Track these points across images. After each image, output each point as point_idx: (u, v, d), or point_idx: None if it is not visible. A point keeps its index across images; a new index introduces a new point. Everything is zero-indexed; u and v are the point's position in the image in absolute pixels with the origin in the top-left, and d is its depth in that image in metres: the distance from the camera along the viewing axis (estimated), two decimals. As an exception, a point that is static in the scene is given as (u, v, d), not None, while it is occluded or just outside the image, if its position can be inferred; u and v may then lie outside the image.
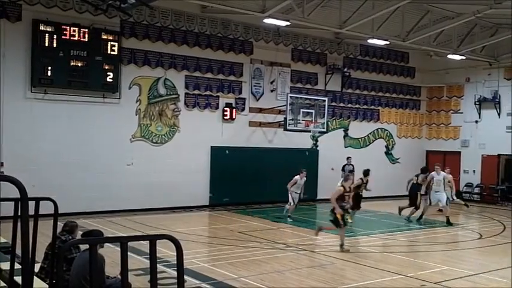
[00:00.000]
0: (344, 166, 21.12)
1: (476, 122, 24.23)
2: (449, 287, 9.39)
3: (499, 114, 23.41)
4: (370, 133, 24.03)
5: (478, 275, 10.25)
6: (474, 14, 18.26)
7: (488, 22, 21.10)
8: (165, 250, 8.90)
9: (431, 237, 14.77)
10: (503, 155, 23.45)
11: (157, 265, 3.55)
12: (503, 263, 11.28)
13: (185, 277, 4.16)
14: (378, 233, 14.83)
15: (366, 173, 16.28)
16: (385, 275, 10.01)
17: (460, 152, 24.80)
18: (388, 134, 24.67)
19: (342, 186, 12.30)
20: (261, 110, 20.27)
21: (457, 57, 22.22)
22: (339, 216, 11.96)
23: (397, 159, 24.67)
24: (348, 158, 21.16)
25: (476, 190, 24.08)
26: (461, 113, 24.90)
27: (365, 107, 23.76)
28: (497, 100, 23.43)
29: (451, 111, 25.38)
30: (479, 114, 24.11)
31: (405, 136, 25.36)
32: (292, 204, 16.61)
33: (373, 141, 24.15)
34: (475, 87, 24.28)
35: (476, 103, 24.12)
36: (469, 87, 24.65)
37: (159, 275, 8.53)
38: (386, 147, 24.64)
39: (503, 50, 22.61)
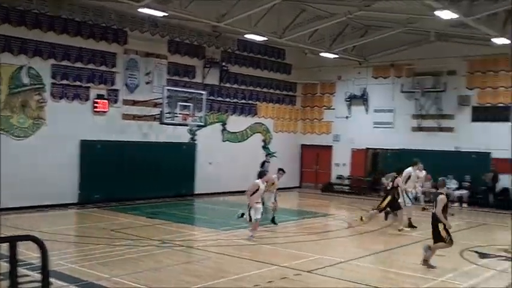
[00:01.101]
0: (263, 163, 21.54)
1: (347, 117, 25.73)
2: (321, 274, 9.84)
3: (366, 111, 25.08)
4: (248, 127, 24.47)
5: (347, 262, 10.85)
6: (346, 15, 19.29)
7: (358, 23, 22.44)
8: (28, 252, 8.24)
9: (305, 228, 15.40)
10: (370, 148, 25.20)
11: (19, 268, 3.24)
12: (370, 250, 12.07)
13: (51, 280, 3.86)
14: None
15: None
16: (262, 266, 10.22)
17: (331, 146, 26.18)
18: (265, 129, 25.30)
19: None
20: (135, 103, 19.71)
21: (330, 56, 23.39)
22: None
23: (274, 153, 25.40)
24: (267, 155, 21.76)
25: (347, 182, 25.58)
26: (334, 109, 26.28)
27: (243, 101, 24.13)
28: (365, 97, 25.06)
29: (324, 107, 26.68)
30: (350, 110, 25.62)
31: (281, 131, 26.18)
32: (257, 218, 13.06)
33: (251, 135, 24.62)
34: (346, 85, 25.77)
35: (347, 100, 25.62)
36: (340, 85, 26.08)
37: (21, 279, 7.92)
38: (264, 141, 25.26)
39: (372, 50, 24.22)
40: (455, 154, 21.97)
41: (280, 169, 15.66)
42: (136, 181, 18.93)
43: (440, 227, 10.41)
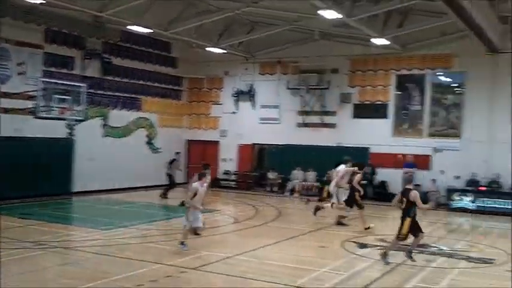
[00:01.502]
0: (172, 161, 20.89)
1: (234, 113, 26.00)
2: (207, 270, 9.84)
3: (253, 106, 25.53)
4: (131, 122, 23.82)
5: (234, 256, 10.95)
6: (233, 10, 19.46)
7: (246, 19, 22.73)
8: None
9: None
10: (257, 144, 25.71)
11: None
12: (256, 244, 12.29)
13: None
14: (138, 224, 14.76)
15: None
16: (145, 265, 9.99)
17: (218, 142, 26.32)
18: (150, 124, 24.80)
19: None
20: (7, 95, 18.37)
21: (217, 51, 23.47)
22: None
23: (159, 148, 24.99)
24: (177, 153, 21.28)
25: (233, 177, 25.87)
26: (221, 104, 26.44)
27: (126, 95, 23.46)
28: (252, 93, 25.49)
29: (211, 102, 26.75)
30: (237, 106, 25.92)
31: (166, 126, 25.80)
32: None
33: (134, 130, 24.00)
34: (234, 81, 26.03)
35: (234, 95, 25.89)
36: (228, 80, 26.29)
37: None
38: (148, 136, 24.75)
39: (259, 47, 24.69)
40: (338, 149, 23.01)
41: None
42: (8, 179, 17.60)
43: (407, 221, 10.61)
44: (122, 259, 10.52)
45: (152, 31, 20.85)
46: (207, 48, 23.35)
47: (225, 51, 23.76)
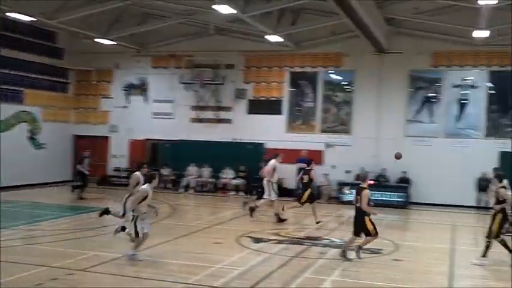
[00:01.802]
0: (82, 159, 19.54)
1: (125, 107, 25.29)
2: (97, 271, 9.50)
3: (146, 101, 25.00)
4: (12, 116, 22.32)
5: (122, 257, 10.59)
6: (124, 0, 18.90)
7: (137, 10, 22.17)
8: None
9: (78, 224, 14.81)
10: (150, 139, 25.19)
11: None
12: (149, 242, 11.98)
13: None
14: (21, 225, 13.91)
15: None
16: (28, 268, 9.43)
17: (108, 137, 25.47)
18: (33, 118, 23.40)
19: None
20: None
21: (106, 42, 22.65)
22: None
23: (43, 144, 23.67)
24: (85, 150, 19.93)
25: (124, 174, 25.09)
26: (112, 98, 25.59)
27: (6, 87, 21.98)
28: (145, 87, 24.96)
29: (101, 96, 25.81)
30: (128, 99, 25.24)
31: (52, 120, 24.47)
32: None
33: (15, 124, 22.49)
34: (125, 74, 25.30)
35: (125, 89, 25.20)
36: (118, 73, 25.50)
37: None
38: (31, 131, 23.32)
39: (152, 39, 24.21)
40: (233, 145, 23.24)
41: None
42: None
43: (367, 220, 10.81)
44: (3, 263, 9.82)
45: (36, 19, 19.69)
46: (96, 40, 22.47)
47: (114, 43, 23.00)
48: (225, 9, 16.79)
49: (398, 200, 20.39)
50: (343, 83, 22.83)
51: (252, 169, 22.30)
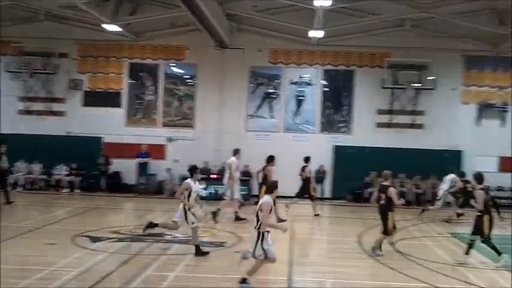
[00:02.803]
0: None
1: None
2: None
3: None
4: None
5: None
6: None
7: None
8: None
9: None
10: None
11: None
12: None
13: None
14: None
15: None
16: None
17: None
18: None
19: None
20: None
21: None
22: None
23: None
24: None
25: None
26: None
27: None
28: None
29: None
30: None
31: None
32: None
33: None
34: None
35: None
36: None
37: None
38: None
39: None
40: (67, 139, 21.95)
41: None
42: None
43: (390, 216, 10.98)
44: None
45: None
46: None
47: None
48: (58, -7, 15.82)
49: (241, 193, 20.82)
50: (185, 76, 22.85)
51: (87, 165, 21.38)
